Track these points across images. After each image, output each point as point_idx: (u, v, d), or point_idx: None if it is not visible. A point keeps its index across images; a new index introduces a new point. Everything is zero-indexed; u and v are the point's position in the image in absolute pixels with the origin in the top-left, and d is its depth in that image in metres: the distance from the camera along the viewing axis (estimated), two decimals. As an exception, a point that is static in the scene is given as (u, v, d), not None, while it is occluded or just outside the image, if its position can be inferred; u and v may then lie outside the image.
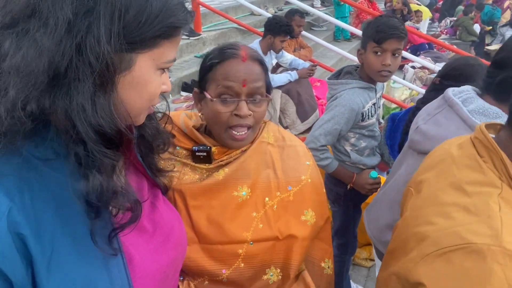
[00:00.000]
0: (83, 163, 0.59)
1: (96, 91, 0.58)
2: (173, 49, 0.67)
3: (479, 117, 1.17)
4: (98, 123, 0.58)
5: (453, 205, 0.75)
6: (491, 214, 0.69)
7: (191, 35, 4.72)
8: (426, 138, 1.29)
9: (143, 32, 0.60)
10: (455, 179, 0.79)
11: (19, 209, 0.57)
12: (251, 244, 1.01)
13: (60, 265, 0.60)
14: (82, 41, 0.56)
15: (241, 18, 6.01)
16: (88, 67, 0.56)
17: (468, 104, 1.21)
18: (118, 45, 0.58)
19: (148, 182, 0.83)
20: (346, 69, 1.81)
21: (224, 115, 0.98)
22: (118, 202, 0.62)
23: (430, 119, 1.33)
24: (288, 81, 3.59)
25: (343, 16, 7.22)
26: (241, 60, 0.98)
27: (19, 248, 0.56)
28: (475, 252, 0.66)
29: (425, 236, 0.75)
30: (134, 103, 0.65)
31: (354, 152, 1.82)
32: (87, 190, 0.59)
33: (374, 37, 1.62)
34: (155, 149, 0.83)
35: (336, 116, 1.67)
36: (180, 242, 0.82)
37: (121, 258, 0.66)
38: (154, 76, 0.66)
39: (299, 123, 3.68)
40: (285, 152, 1.13)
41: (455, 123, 1.21)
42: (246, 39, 5.45)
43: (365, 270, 2.64)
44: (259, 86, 0.99)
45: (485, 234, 0.67)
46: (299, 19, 4.34)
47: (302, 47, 4.69)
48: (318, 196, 1.15)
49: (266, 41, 3.60)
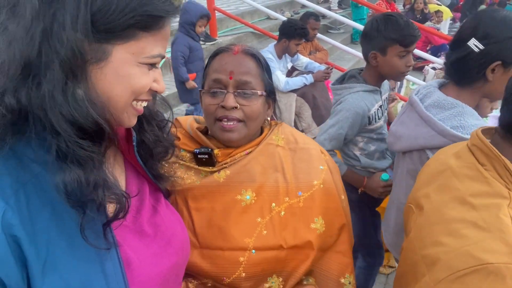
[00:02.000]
0: (60, 155, 0.58)
1: (67, 81, 0.57)
2: (157, 43, 0.64)
3: (435, 110, 1.21)
4: (70, 114, 0.57)
5: (460, 222, 0.69)
6: (503, 229, 0.63)
7: (207, 40, 4.76)
8: (396, 138, 1.37)
9: (112, 20, 0.58)
10: (458, 192, 0.74)
11: (14, 211, 0.57)
12: (254, 252, 0.97)
13: (56, 268, 0.59)
14: (49, 29, 0.56)
15: (257, 22, 6.03)
16: (55, 54, 0.56)
17: (427, 99, 1.25)
18: (86, 33, 0.57)
19: (150, 186, 0.82)
20: (350, 73, 1.77)
21: (212, 107, 0.97)
22: (99, 196, 0.60)
23: (398, 120, 1.41)
24: (304, 84, 3.56)
25: (361, 18, 7.15)
26: (232, 53, 0.98)
27: (13, 251, 0.56)
28: (493, 274, 0.60)
29: (435, 259, 0.69)
30: (114, 97, 0.63)
31: (363, 156, 1.78)
32: (64, 183, 0.57)
33: (401, 41, 1.56)
34: (156, 156, 0.82)
35: (341, 120, 1.64)
36: (182, 247, 0.81)
37: (117, 261, 0.65)
38: (135, 69, 0.63)
39: (314, 127, 3.63)
40: (297, 155, 1.07)
41: (414, 120, 1.26)
42: (262, 43, 5.46)
43: (383, 277, 2.57)
44: (249, 79, 0.96)
45: (500, 251, 0.61)
46: (314, 22, 4.31)
47: (317, 50, 4.65)
48: (332, 203, 1.07)
49: (281, 45, 3.58)
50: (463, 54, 1.15)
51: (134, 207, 0.76)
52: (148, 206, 0.78)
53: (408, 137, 1.30)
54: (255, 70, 0.99)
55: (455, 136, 1.12)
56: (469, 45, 1.13)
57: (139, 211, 0.76)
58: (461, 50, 1.16)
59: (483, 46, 1.11)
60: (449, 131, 1.14)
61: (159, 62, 0.68)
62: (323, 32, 5.58)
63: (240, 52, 0.98)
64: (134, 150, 0.76)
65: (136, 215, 0.75)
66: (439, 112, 1.20)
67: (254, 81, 0.97)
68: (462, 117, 1.15)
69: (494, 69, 1.12)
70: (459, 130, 1.13)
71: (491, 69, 1.12)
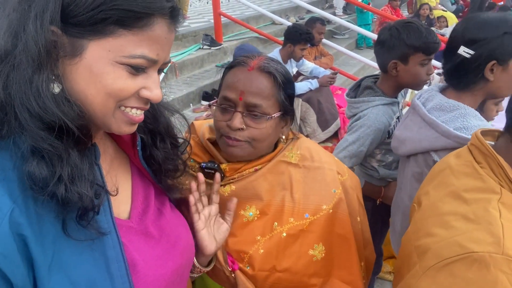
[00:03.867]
0: (26, 149, 0.57)
1: (33, 74, 0.56)
2: (141, 43, 0.59)
3: (437, 112, 1.22)
4: (33, 107, 0.56)
5: (452, 214, 0.72)
6: (491, 221, 0.66)
7: (212, 45, 4.78)
8: (400, 142, 1.38)
9: (81, 13, 0.56)
10: (454, 188, 0.77)
11: (22, 210, 0.57)
12: (247, 268, 0.96)
13: (62, 267, 0.59)
14: (23, 21, 0.56)
15: (262, 27, 6.05)
16: (25, 47, 0.56)
17: (429, 102, 1.27)
18: (55, 26, 0.56)
19: (155, 189, 0.82)
20: (365, 84, 1.70)
21: (220, 124, 0.95)
22: (59, 190, 0.57)
23: (401, 124, 1.42)
24: (309, 89, 3.56)
25: (366, 24, 7.16)
26: (247, 69, 0.93)
27: (20, 249, 0.56)
28: (477, 261, 0.63)
29: (426, 248, 0.72)
30: (89, 96, 0.60)
31: (382, 168, 1.74)
32: (28, 175, 0.56)
33: (424, 49, 1.52)
34: (164, 172, 0.81)
35: (362, 137, 1.57)
36: (186, 250, 0.81)
37: (123, 263, 0.65)
38: (108, 68, 0.59)
39: (320, 132, 3.62)
40: (310, 174, 1.02)
41: (417, 123, 1.28)
42: (267, 48, 5.48)
43: (388, 284, 2.54)
44: (259, 102, 0.91)
45: (486, 241, 0.64)
46: (320, 26, 4.32)
47: (323, 55, 4.65)
48: (340, 229, 1.02)
49: (286, 50, 3.59)
50: (457, 62, 1.18)
51: (140, 209, 0.76)
52: (153, 209, 0.78)
53: (412, 141, 1.30)
54: (269, 90, 0.93)
55: (459, 137, 1.13)
56: (460, 53, 1.16)
57: (144, 213, 0.76)
58: (454, 58, 1.18)
59: (473, 51, 1.14)
60: (452, 132, 1.15)
61: (148, 66, 0.62)
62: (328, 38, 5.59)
63: (255, 69, 0.93)
64: (139, 154, 0.76)
65: (141, 217, 0.75)
66: (442, 114, 1.21)
67: (265, 103, 0.92)
68: (465, 118, 1.16)
69: (493, 69, 1.15)
70: (462, 131, 1.14)
71: (489, 70, 1.14)
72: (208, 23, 5.49)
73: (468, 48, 1.15)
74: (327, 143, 3.65)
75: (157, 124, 0.79)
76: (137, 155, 0.76)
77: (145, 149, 0.78)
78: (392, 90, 1.64)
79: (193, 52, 4.67)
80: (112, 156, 0.77)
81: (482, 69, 1.15)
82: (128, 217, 0.74)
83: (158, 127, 0.79)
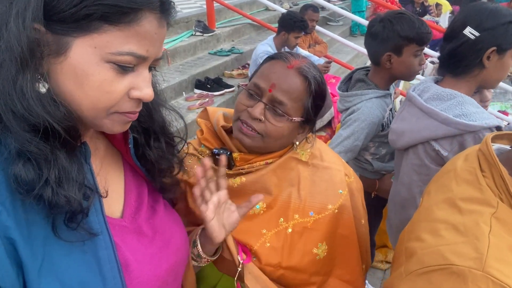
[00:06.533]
0: (12, 150, 0.55)
1: (17, 73, 0.54)
2: (129, 39, 0.57)
3: (435, 102, 1.25)
4: (18, 109, 0.54)
5: (443, 222, 0.71)
6: (478, 236, 0.65)
7: (205, 32, 4.70)
8: (398, 135, 1.38)
9: (64, 9, 0.54)
10: (451, 194, 0.75)
11: (10, 213, 0.55)
12: (254, 259, 0.96)
13: (52, 270, 0.58)
14: (6, 17, 0.54)
15: (255, 13, 5.96)
16: (7, 45, 0.53)
17: (425, 93, 1.29)
18: (38, 23, 0.54)
19: (148, 186, 0.81)
20: (356, 76, 1.68)
21: (241, 107, 0.95)
22: (46, 193, 0.56)
23: (398, 117, 1.42)
24: (302, 77, 3.52)
25: (360, 11, 7.10)
26: (286, 66, 0.92)
27: (9, 252, 0.55)
28: (455, 274, 0.62)
29: (413, 252, 0.72)
30: (76, 97, 0.58)
31: (375, 161, 1.74)
32: (14, 178, 0.54)
33: (418, 40, 1.51)
34: (158, 171, 0.79)
35: (356, 132, 1.56)
36: (180, 248, 0.80)
37: (115, 263, 0.64)
38: (97, 69, 0.57)
39: (313, 121, 3.61)
40: (318, 173, 1.02)
41: (415, 114, 1.30)
42: (261, 35, 5.41)
43: (380, 273, 2.58)
44: (285, 101, 0.91)
45: (468, 256, 0.63)
46: (312, 13, 4.25)
47: (317, 42, 4.61)
48: (344, 229, 1.02)
49: (280, 38, 3.54)
50: (459, 43, 1.21)
51: (133, 207, 0.75)
52: (147, 207, 0.77)
53: (411, 132, 1.31)
54: (299, 93, 0.92)
55: (459, 123, 1.16)
56: (465, 34, 1.19)
57: (138, 211, 0.75)
58: (456, 40, 1.21)
59: (478, 33, 1.17)
60: (452, 119, 1.17)
61: (138, 63, 0.60)
62: (322, 25, 5.54)
63: (294, 68, 0.92)
64: (131, 152, 0.74)
65: (134, 216, 0.74)
66: (439, 103, 1.23)
67: (290, 104, 0.92)
68: (463, 105, 1.19)
69: (489, 56, 1.19)
70: (462, 118, 1.17)
71: (487, 56, 1.18)
72: (201, 9, 5.38)
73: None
74: (321, 132, 3.64)
75: (152, 123, 0.76)
76: (130, 153, 0.74)
77: (138, 148, 0.76)
78: (385, 82, 1.63)
79: (185, 38, 4.58)
80: (104, 154, 0.75)
81: (481, 54, 1.18)
82: (121, 216, 0.72)
83: (153, 126, 0.76)
